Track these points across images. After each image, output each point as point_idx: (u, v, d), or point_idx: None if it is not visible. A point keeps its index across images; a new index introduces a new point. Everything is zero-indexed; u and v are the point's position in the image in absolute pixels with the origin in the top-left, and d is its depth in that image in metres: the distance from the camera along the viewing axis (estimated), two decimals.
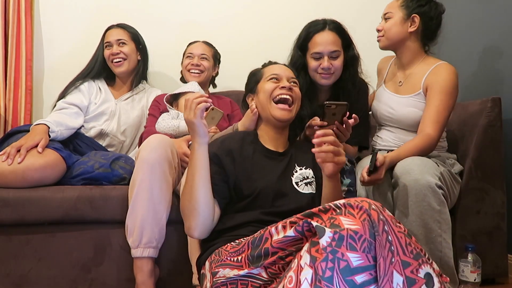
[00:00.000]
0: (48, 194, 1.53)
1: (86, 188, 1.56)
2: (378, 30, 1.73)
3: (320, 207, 0.93)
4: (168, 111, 1.87)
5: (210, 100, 1.19)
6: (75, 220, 1.54)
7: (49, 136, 1.67)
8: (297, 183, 1.32)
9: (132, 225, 1.45)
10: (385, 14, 1.72)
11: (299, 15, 1.99)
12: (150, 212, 1.44)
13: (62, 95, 1.96)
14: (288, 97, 1.36)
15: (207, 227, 1.21)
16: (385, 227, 0.88)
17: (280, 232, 0.99)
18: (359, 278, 0.83)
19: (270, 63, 1.49)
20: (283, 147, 1.41)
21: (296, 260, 0.89)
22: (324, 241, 0.85)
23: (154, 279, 1.49)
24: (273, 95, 1.37)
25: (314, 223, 0.89)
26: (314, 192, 1.33)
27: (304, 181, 1.33)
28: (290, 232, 0.95)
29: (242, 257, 1.05)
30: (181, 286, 1.55)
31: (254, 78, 1.46)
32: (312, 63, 1.62)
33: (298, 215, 0.96)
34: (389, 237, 0.88)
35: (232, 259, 1.07)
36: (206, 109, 1.22)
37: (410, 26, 1.65)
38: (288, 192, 1.29)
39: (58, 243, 1.55)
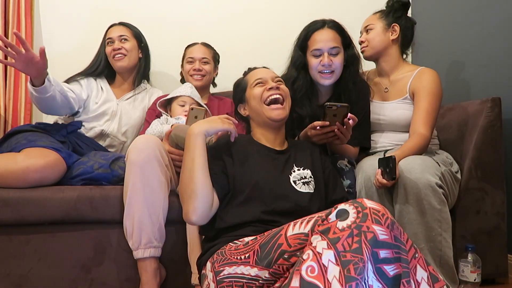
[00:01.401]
0: (48, 194, 1.53)
1: (86, 188, 1.56)
2: (361, 42, 1.84)
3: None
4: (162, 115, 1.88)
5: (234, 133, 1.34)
6: (75, 220, 1.54)
7: (44, 82, 1.63)
8: (294, 182, 1.34)
9: (130, 227, 1.45)
10: (365, 27, 1.84)
11: (299, 16, 1.99)
12: (145, 213, 1.43)
13: None
14: (278, 96, 1.39)
15: (206, 212, 1.22)
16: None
17: (295, 228, 1.01)
18: (382, 253, 0.86)
19: (250, 69, 1.51)
20: (281, 146, 1.43)
21: (310, 252, 0.89)
22: (349, 221, 0.88)
23: (160, 279, 1.49)
24: (263, 98, 1.39)
25: (340, 205, 0.93)
26: (312, 191, 1.34)
27: (302, 180, 1.35)
28: (307, 228, 0.98)
29: (249, 254, 1.06)
30: (181, 286, 1.55)
31: (240, 88, 1.48)
32: (313, 61, 1.62)
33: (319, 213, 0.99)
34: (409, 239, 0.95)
35: (238, 258, 1.08)
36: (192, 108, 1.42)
37: (391, 35, 1.78)
38: (286, 190, 1.31)
39: (58, 243, 1.55)
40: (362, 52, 1.81)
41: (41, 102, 1.72)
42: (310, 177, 1.37)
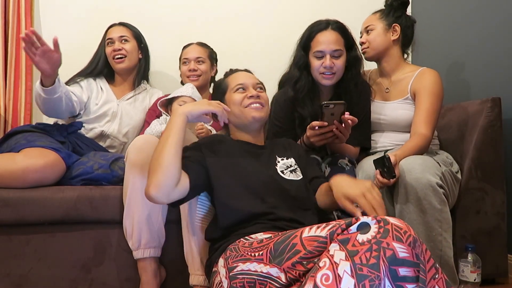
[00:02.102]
0: (48, 194, 1.53)
1: (86, 188, 1.56)
2: (362, 43, 1.82)
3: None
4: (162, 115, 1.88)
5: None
6: (75, 220, 1.54)
7: (54, 83, 1.65)
8: (282, 172, 1.36)
9: (129, 227, 1.46)
10: (366, 27, 1.82)
11: (299, 16, 2.00)
12: (145, 213, 1.44)
13: None
14: (258, 105, 1.39)
15: (167, 190, 1.18)
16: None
17: (311, 231, 1.00)
18: (402, 271, 0.85)
19: (232, 71, 1.50)
20: (261, 144, 1.46)
21: (326, 260, 0.89)
22: (369, 235, 0.87)
23: (160, 279, 1.49)
24: (243, 104, 1.39)
25: (362, 218, 0.91)
26: (301, 177, 1.37)
27: (288, 169, 1.38)
28: (323, 232, 0.97)
29: (263, 252, 1.05)
30: (181, 286, 1.54)
31: (220, 90, 1.48)
32: (315, 62, 1.62)
33: (338, 221, 0.98)
34: (432, 257, 0.93)
35: (252, 254, 1.07)
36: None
37: (392, 35, 1.78)
38: (278, 181, 1.32)
39: (58, 243, 1.55)
40: (363, 53, 1.81)
41: (48, 104, 1.70)
42: (295, 164, 1.40)
